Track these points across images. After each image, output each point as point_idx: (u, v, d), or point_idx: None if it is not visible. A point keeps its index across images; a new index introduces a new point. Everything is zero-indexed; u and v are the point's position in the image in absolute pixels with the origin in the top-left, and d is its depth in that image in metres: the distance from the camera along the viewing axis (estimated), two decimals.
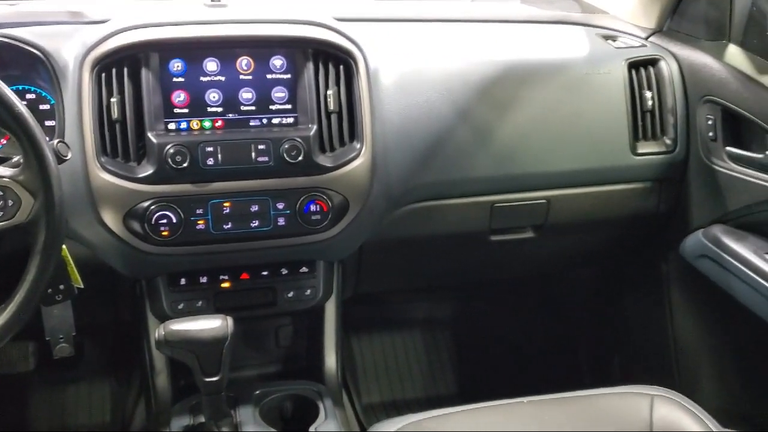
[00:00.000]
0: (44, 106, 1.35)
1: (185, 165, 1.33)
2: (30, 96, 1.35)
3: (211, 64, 1.38)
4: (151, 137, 1.33)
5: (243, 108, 1.39)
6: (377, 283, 1.86)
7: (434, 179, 1.52)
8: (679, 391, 1.32)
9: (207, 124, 1.37)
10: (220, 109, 1.38)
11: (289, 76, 1.41)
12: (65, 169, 1.19)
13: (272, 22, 1.42)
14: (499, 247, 1.69)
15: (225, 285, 1.49)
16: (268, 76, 1.40)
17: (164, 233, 1.34)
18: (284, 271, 1.51)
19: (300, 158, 1.37)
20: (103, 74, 1.34)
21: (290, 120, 1.41)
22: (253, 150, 1.36)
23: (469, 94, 1.51)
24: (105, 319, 1.78)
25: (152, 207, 1.33)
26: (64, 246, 1.23)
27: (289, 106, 1.41)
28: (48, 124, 1.34)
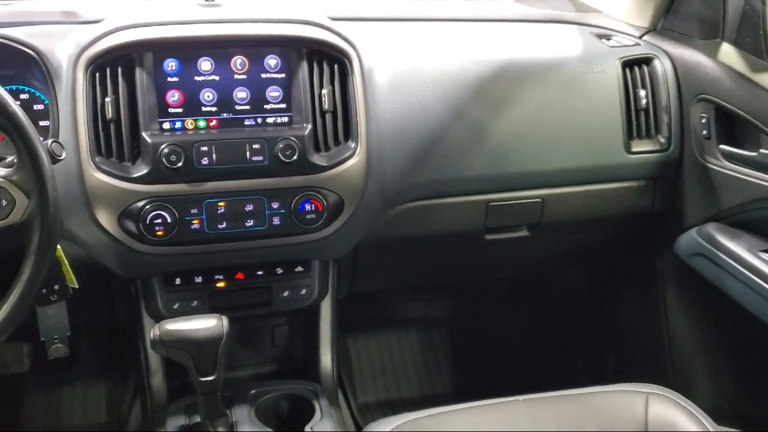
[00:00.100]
0: (38, 106, 1.35)
1: (180, 165, 1.33)
2: (24, 96, 1.35)
3: (205, 64, 1.38)
4: (146, 137, 1.33)
5: (237, 107, 1.39)
6: (372, 282, 1.86)
7: (429, 178, 1.52)
8: (673, 388, 1.33)
9: (201, 123, 1.37)
10: (214, 109, 1.38)
11: (283, 75, 1.41)
12: (59, 169, 1.18)
13: (266, 21, 1.42)
14: (494, 246, 1.69)
15: (220, 285, 1.49)
16: (263, 76, 1.40)
17: (159, 233, 1.34)
18: (279, 271, 1.51)
19: (295, 157, 1.37)
20: (97, 74, 1.33)
21: (285, 119, 1.40)
22: (247, 149, 1.36)
23: (464, 93, 1.52)
24: (100, 320, 1.77)
25: (147, 207, 1.33)
26: (58, 246, 1.23)
27: (283, 106, 1.41)
28: (42, 124, 1.34)
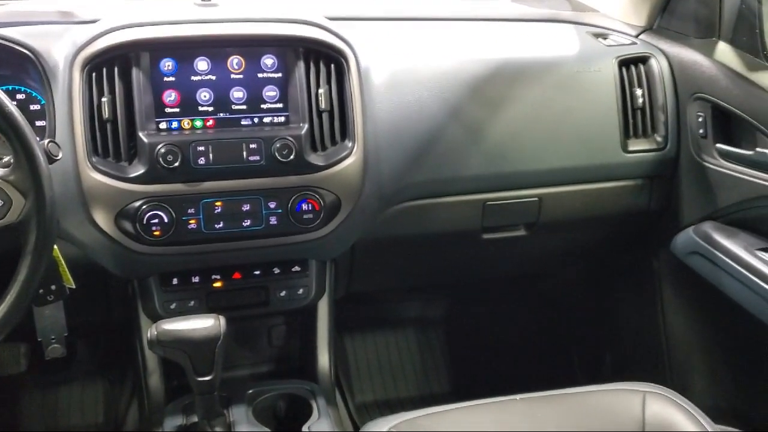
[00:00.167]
0: (35, 106, 1.35)
1: (176, 164, 1.33)
2: (20, 96, 1.35)
3: (201, 64, 1.37)
4: (142, 137, 1.33)
5: (234, 107, 1.39)
6: (370, 282, 1.86)
7: (426, 178, 1.52)
8: (671, 387, 1.33)
9: (198, 123, 1.37)
10: (211, 109, 1.38)
11: (280, 75, 1.41)
12: (56, 169, 1.18)
13: (263, 21, 1.41)
14: (492, 245, 1.69)
15: (217, 284, 1.49)
16: (259, 75, 1.40)
17: (156, 233, 1.34)
18: (276, 271, 1.51)
19: (291, 157, 1.37)
20: (93, 74, 1.33)
21: (281, 119, 1.40)
22: (244, 149, 1.36)
23: (461, 93, 1.51)
24: (97, 320, 1.77)
25: (144, 207, 1.33)
26: (55, 246, 1.22)
27: (280, 105, 1.41)
28: (38, 124, 1.33)
